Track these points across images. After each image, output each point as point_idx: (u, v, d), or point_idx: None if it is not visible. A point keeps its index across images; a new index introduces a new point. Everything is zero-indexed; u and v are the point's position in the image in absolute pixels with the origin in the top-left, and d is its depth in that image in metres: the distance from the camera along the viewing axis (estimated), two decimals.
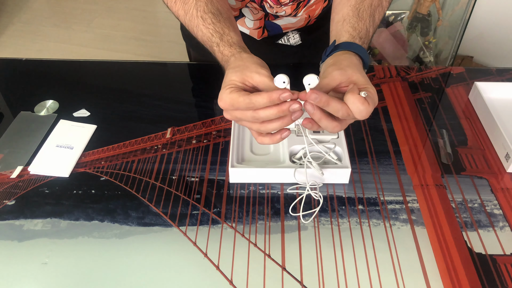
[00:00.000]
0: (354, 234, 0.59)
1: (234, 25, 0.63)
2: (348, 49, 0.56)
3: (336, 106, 0.49)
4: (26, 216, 0.62)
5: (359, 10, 0.61)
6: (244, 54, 0.56)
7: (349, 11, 0.61)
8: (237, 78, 0.52)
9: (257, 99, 0.49)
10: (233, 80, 0.52)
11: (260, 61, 0.55)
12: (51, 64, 0.94)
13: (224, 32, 0.60)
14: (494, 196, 0.64)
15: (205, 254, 0.57)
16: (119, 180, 0.67)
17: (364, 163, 0.69)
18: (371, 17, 0.61)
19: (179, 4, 0.65)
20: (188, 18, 0.64)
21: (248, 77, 0.52)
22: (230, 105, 0.51)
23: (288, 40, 0.88)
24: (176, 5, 0.65)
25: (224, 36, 0.59)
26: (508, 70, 0.89)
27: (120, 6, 2.84)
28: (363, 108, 0.48)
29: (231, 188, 0.65)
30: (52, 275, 0.55)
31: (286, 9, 0.78)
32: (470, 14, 1.67)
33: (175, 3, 0.65)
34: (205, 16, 0.61)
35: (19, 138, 0.74)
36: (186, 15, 0.64)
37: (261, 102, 0.49)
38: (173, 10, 0.67)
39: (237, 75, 0.52)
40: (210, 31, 0.60)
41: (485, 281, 0.54)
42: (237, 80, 0.52)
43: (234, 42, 0.58)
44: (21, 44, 2.52)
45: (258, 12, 0.80)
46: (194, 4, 0.63)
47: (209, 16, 0.61)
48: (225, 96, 0.51)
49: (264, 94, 0.49)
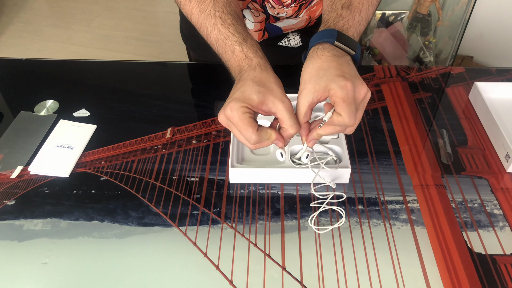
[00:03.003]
0: (354, 234, 0.59)
1: (246, 28, 0.62)
2: (319, 40, 0.55)
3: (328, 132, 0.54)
4: (26, 216, 0.62)
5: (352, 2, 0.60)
6: (269, 67, 0.56)
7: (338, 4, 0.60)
8: (258, 99, 0.52)
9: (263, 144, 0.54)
10: (252, 99, 0.52)
11: (280, 83, 0.55)
12: (51, 64, 0.94)
13: (247, 36, 0.59)
14: (494, 196, 0.64)
15: (205, 254, 0.57)
16: (119, 180, 0.67)
17: (364, 163, 0.69)
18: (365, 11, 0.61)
19: (194, 2, 0.64)
20: (203, 16, 0.62)
21: (270, 102, 0.52)
22: (235, 123, 0.52)
23: (289, 42, 0.87)
24: (190, 4, 0.64)
25: (248, 39, 0.58)
26: (508, 70, 0.89)
27: (120, 6, 2.84)
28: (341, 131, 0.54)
29: (231, 188, 0.65)
30: (52, 275, 0.55)
31: (288, 10, 0.78)
32: (470, 14, 1.66)
33: (189, 2, 0.64)
34: (224, 17, 0.60)
35: (19, 138, 0.74)
36: (201, 13, 0.62)
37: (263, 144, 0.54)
38: (186, 8, 0.65)
39: (259, 96, 0.52)
40: (230, 31, 0.59)
41: (485, 281, 0.54)
42: (256, 101, 0.52)
43: (259, 48, 0.58)
44: (21, 44, 2.52)
45: (259, 14, 0.80)
46: (212, 4, 0.62)
47: (229, 17, 0.60)
48: (236, 114, 0.51)
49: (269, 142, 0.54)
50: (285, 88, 0.65)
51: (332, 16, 0.59)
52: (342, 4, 0.60)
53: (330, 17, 0.59)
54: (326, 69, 0.52)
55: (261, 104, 0.52)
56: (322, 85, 0.51)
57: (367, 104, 0.53)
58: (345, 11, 0.59)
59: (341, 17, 0.58)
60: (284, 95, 0.53)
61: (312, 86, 0.52)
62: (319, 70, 0.53)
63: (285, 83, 0.67)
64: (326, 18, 0.60)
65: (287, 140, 0.55)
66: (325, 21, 0.60)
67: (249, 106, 0.52)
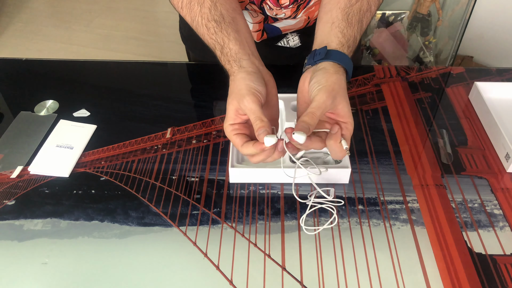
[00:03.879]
0: (354, 234, 0.59)
1: (238, 28, 0.62)
2: (338, 61, 0.57)
3: (316, 146, 0.54)
4: (26, 216, 0.62)
5: (348, 14, 0.60)
6: (239, 75, 0.56)
7: (338, 14, 0.61)
8: (233, 114, 0.55)
9: (253, 158, 0.54)
10: (230, 117, 0.55)
11: (254, 84, 0.55)
12: (51, 64, 0.94)
13: (224, 44, 0.59)
14: (494, 196, 0.64)
15: (205, 254, 0.57)
16: (119, 180, 0.67)
17: (364, 163, 0.69)
18: (359, 23, 0.61)
19: (185, 10, 0.64)
20: (195, 25, 0.64)
21: (241, 109, 0.55)
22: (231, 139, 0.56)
23: (288, 43, 0.87)
24: (183, 11, 0.65)
25: (224, 48, 0.59)
26: (508, 70, 0.89)
27: (120, 6, 2.84)
28: (341, 155, 0.55)
29: (231, 188, 0.65)
30: (52, 275, 0.55)
31: (286, 11, 0.78)
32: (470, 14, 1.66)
33: (181, 9, 0.65)
34: (209, 25, 0.61)
35: (19, 138, 0.74)
36: (192, 22, 0.64)
37: (258, 158, 0.54)
38: (182, 15, 0.66)
39: (233, 111, 0.55)
40: (213, 42, 0.60)
41: (485, 281, 0.54)
42: (234, 117, 0.55)
43: (232, 55, 0.59)
44: (21, 44, 2.52)
45: (257, 15, 0.80)
46: (199, 12, 0.62)
47: (212, 25, 0.61)
48: (228, 135, 0.56)
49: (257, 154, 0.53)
50: (284, 88, 0.65)
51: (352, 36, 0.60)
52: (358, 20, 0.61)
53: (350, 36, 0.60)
54: (339, 91, 0.55)
55: (237, 114, 0.55)
56: (338, 107, 0.54)
57: (367, 104, 0.54)
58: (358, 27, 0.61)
59: (354, 40, 0.60)
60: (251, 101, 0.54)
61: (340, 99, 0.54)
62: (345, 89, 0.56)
63: (284, 83, 0.67)
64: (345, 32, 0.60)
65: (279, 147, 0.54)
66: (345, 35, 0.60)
67: (232, 123, 0.56)
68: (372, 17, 0.65)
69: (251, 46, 0.61)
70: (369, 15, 0.63)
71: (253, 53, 0.60)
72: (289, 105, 0.74)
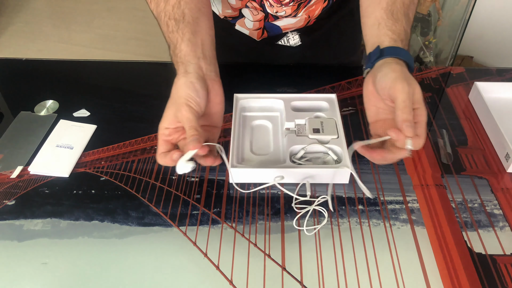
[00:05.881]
0: (354, 234, 0.59)
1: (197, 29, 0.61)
2: (395, 56, 0.56)
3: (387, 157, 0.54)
4: (26, 216, 0.62)
5: (392, 12, 0.60)
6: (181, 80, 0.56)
7: (382, 14, 0.60)
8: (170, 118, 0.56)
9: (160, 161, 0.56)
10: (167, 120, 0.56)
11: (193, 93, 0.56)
12: (51, 64, 0.94)
13: (177, 43, 0.59)
14: (494, 196, 0.64)
15: (205, 254, 0.57)
16: (119, 180, 0.67)
17: (364, 163, 0.69)
18: (405, 16, 0.60)
19: (153, 5, 0.64)
20: (158, 22, 0.64)
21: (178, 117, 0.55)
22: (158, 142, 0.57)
23: (288, 41, 0.88)
24: (151, 5, 0.65)
25: (176, 48, 0.59)
26: (508, 70, 0.89)
27: (120, 6, 2.84)
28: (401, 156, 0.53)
29: (231, 188, 0.65)
30: (52, 275, 0.55)
31: (286, 9, 0.78)
32: (470, 14, 1.67)
33: (150, 3, 0.65)
34: (169, 23, 0.61)
35: (19, 138, 0.74)
36: (157, 18, 0.64)
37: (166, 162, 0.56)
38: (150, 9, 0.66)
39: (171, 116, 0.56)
40: (169, 40, 0.61)
41: (485, 281, 0.54)
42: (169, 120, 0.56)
43: (181, 56, 0.58)
44: (21, 44, 2.52)
45: (258, 13, 0.80)
46: (163, 8, 0.62)
47: (172, 23, 0.61)
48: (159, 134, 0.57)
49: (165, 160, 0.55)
50: (284, 88, 0.65)
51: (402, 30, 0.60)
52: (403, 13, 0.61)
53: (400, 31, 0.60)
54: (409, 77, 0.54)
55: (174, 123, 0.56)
56: (419, 95, 0.54)
57: None
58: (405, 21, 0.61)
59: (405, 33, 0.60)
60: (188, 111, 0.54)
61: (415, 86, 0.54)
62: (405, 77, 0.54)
63: (284, 83, 0.67)
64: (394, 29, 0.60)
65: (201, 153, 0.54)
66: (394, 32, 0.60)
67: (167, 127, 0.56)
68: (416, 7, 0.64)
69: (206, 49, 0.60)
70: (413, 6, 0.63)
71: (205, 57, 0.59)
72: (289, 105, 0.74)
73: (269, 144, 0.71)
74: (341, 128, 0.69)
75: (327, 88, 0.83)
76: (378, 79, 0.55)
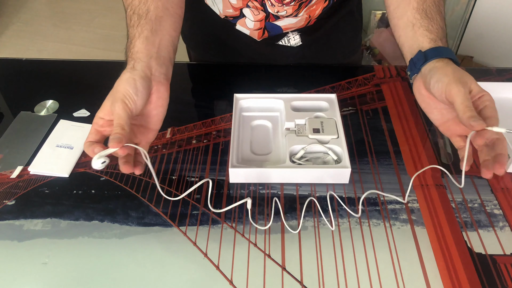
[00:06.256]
0: (354, 234, 0.59)
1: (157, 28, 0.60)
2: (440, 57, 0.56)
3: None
4: (26, 216, 0.62)
5: (425, 10, 0.59)
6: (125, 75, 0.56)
7: (415, 14, 0.59)
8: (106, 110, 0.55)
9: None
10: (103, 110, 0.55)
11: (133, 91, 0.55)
12: (51, 64, 0.94)
13: (133, 39, 0.59)
14: (494, 196, 0.64)
15: (205, 254, 0.57)
16: (119, 180, 0.67)
17: (364, 163, 0.69)
18: (439, 13, 0.60)
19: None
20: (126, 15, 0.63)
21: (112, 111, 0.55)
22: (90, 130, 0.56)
23: (289, 41, 0.88)
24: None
25: (131, 43, 0.59)
26: (508, 70, 0.89)
27: (120, 6, 2.82)
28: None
29: (231, 188, 0.65)
30: (52, 275, 0.55)
31: (287, 9, 0.78)
32: (470, 14, 1.67)
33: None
34: (132, 17, 0.60)
35: (19, 138, 0.74)
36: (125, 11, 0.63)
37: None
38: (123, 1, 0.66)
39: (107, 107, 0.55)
40: (128, 34, 0.60)
41: (485, 281, 0.54)
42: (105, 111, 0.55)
43: (133, 52, 0.58)
44: (21, 44, 2.52)
45: (259, 12, 0.80)
46: (130, 2, 0.62)
47: (134, 18, 0.60)
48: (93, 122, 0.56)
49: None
50: (284, 88, 0.65)
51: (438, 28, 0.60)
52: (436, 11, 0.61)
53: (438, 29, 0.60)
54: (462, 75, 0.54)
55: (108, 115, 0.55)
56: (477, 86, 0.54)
57: (367, 104, 0.53)
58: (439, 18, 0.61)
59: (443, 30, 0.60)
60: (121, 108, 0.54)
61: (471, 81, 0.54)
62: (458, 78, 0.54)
63: (284, 83, 0.67)
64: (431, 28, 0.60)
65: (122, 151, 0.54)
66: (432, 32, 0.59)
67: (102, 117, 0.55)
68: (445, 0, 0.64)
69: (162, 49, 0.60)
70: (443, 1, 0.62)
71: (159, 57, 0.59)
72: (289, 105, 0.74)
73: (269, 144, 0.71)
74: (341, 128, 0.69)
75: (327, 88, 0.83)
76: (432, 86, 0.55)
